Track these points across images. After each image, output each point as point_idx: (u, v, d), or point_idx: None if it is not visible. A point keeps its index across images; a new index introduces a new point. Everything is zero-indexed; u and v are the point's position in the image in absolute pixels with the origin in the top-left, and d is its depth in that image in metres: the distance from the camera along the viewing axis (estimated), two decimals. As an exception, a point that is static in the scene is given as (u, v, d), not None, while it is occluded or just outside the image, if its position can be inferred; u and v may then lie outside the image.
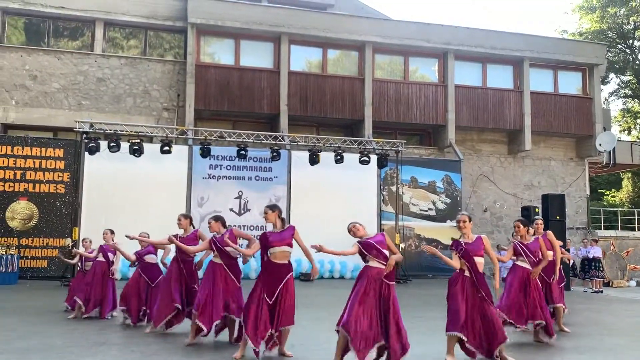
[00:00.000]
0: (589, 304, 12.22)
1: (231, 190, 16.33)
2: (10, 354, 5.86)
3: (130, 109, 17.77)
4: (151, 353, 6.02)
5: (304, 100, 18.60)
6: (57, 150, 15.67)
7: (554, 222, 15.86)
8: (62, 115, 17.12)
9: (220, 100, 17.99)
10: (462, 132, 20.21)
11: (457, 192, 18.64)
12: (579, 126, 21.06)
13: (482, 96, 20.27)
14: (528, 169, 21.09)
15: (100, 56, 17.81)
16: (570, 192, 20.96)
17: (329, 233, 15.70)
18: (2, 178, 15.23)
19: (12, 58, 17.14)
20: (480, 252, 5.86)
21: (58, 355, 5.85)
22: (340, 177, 16.48)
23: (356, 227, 5.63)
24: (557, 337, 7.01)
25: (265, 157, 16.40)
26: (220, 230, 6.62)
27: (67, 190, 15.50)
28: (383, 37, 19.25)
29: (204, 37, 18.58)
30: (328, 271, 16.17)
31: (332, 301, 11.21)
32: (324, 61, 19.28)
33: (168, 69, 18.29)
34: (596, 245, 16.20)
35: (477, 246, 5.86)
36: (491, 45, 20.14)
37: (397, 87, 19.57)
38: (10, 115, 16.97)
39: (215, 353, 6.13)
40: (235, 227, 6.77)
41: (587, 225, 21.40)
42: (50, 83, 17.32)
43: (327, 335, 6.40)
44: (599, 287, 15.52)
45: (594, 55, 21.51)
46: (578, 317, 10.12)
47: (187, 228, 7.43)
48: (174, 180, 15.73)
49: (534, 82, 20.69)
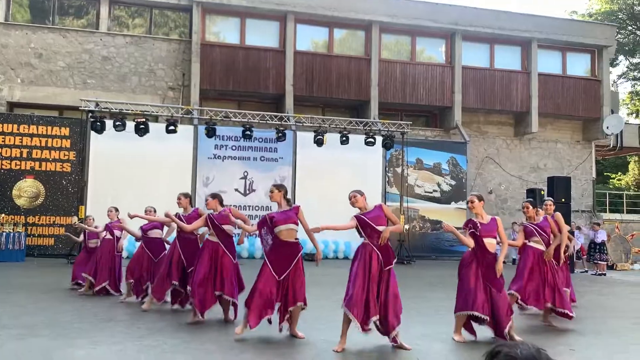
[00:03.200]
0: (592, 286, 12.26)
1: (236, 170, 16.34)
2: (18, 328, 5.94)
3: (136, 88, 17.72)
4: (157, 330, 6.09)
5: (309, 80, 18.49)
6: (62, 128, 15.69)
7: (559, 204, 15.78)
8: (67, 93, 17.10)
9: (226, 80, 17.91)
10: (469, 114, 20.09)
11: (463, 174, 18.60)
12: (586, 109, 20.88)
13: (489, 77, 20.10)
14: (534, 151, 20.98)
15: (106, 34, 17.72)
16: (576, 175, 20.87)
17: (334, 214, 15.73)
18: (9, 156, 15.29)
19: (17, 36, 17.08)
20: (493, 234, 5.87)
21: (65, 331, 5.93)
22: (345, 158, 16.46)
23: (356, 198, 5.58)
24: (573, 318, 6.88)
25: (271, 138, 16.37)
26: (217, 208, 6.66)
27: (73, 168, 15.55)
28: (390, 17, 19.04)
29: (209, 16, 18.43)
30: (332, 251, 16.25)
31: (337, 281, 11.28)
32: (330, 41, 19.12)
33: (173, 47, 18.19)
34: (601, 229, 16.18)
35: (490, 227, 5.87)
36: (499, 26, 19.91)
37: (404, 67, 19.41)
38: (16, 93, 16.97)
39: (219, 330, 6.20)
40: (233, 207, 6.76)
41: (593, 208, 21.35)
42: (56, 61, 17.26)
43: (331, 314, 6.45)
44: (603, 270, 15.54)
45: (604, 36, 21.23)
46: (581, 299, 10.15)
47: (187, 207, 7.48)
48: (179, 160, 15.76)
49: (542, 63, 20.48)
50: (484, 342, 5.81)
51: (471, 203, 5.96)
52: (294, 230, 5.77)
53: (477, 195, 6.02)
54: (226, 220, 6.48)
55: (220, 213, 6.56)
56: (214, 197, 6.76)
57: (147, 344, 5.46)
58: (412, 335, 5.78)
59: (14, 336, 5.62)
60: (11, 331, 5.84)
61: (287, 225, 5.71)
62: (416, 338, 5.81)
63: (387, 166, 17.66)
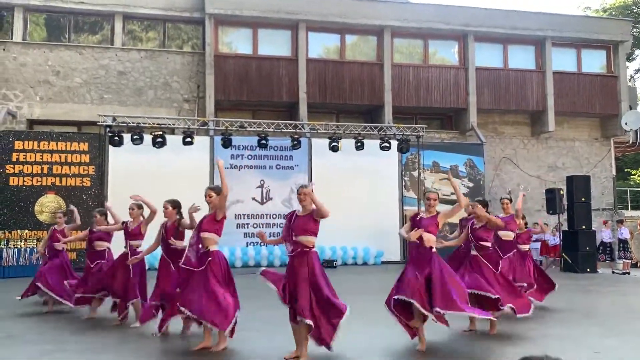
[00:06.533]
0: (615, 286, 12.08)
1: (253, 179, 16.44)
2: (44, 344, 6.05)
3: (152, 101, 17.95)
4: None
5: (322, 87, 18.55)
6: (81, 144, 15.92)
7: (579, 204, 15.67)
8: (85, 109, 17.38)
9: (240, 90, 18.05)
10: (484, 115, 19.97)
11: (480, 176, 18.49)
12: (603, 105, 20.64)
13: (503, 78, 19.98)
14: (552, 151, 20.79)
15: (121, 50, 17.99)
16: (596, 173, 20.61)
17: (351, 220, 15.89)
18: (30, 173, 15.56)
19: (35, 54, 17.42)
20: (430, 228, 5.79)
21: (92, 346, 6.02)
22: (361, 163, 16.47)
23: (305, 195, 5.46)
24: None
25: (286, 146, 16.44)
26: (173, 218, 6.63)
27: (92, 183, 15.77)
28: (401, 21, 19.05)
29: (222, 27, 18.62)
30: (351, 257, 16.24)
31: (356, 288, 11.28)
32: (342, 47, 19.18)
33: (187, 60, 18.40)
34: (623, 227, 15.97)
35: (430, 222, 5.84)
36: (512, 26, 19.80)
37: (417, 71, 19.39)
38: (35, 111, 17.29)
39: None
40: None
41: (614, 206, 21.05)
42: (73, 78, 17.56)
43: (345, 324, 6.45)
44: (627, 269, 15.31)
45: (619, 32, 20.99)
46: (604, 299, 10.03)
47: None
48: (196, 171, 15.86)
49: (556, 61, 20.30)
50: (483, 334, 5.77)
51: (434, 200, 5.94)
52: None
53: (436, 193, 6.04)
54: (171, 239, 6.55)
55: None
56: (174, 207, 6.70)
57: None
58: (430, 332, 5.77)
59: (39, 352, 5.72)
60: (36, 347, 5.95)
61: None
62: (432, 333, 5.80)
63: (403, 170, 17.62)
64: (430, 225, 5.78)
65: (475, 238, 6.79)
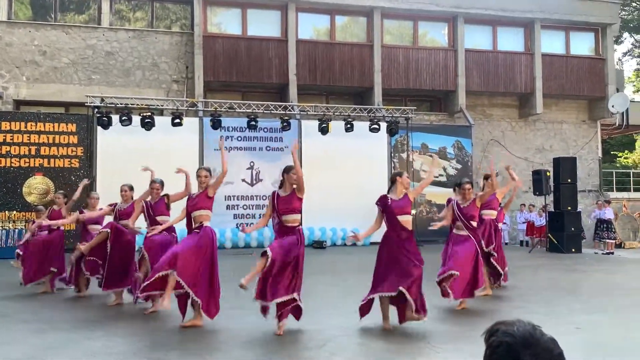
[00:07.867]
0: (600, 265, 12.32)
1: (243, 161, 16.45)
2: (38, 323, 6.10)
3: (140, 82, 17.81)
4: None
5: (312, 69, 18.50)
6: (69, 125, 15.81)
7: (565, 185, 15.89)
8: (72, 90, 17.21)
9: (229, 71, 17.95)
10: (473, 97, 20.05)
11: (468, 158, 18.62)
12: (591, 88, 20.79)
13: (492, 60, 20.03)
14: (539, 133, 20.95)
15: (108, 29, 17.77)
16: (582, 155, 20.84)
17: (340, 201, 15.99)
18: (18, 154, 15.44)
19: (21, 34, 17.17)
20: (406, 210, 5.77)
21: (83, 323, 6.09)
22: (350, 145, 16.53)
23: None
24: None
25: (276, 127, 16.44)
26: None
27: (81, 164, 15.70)
28: (391, 2, 18.97)
29: (210, 7, 18.43)
30: (341, 238, 16.37)
31: (346, 268, 11.43)
32: (332, 28, 19.10)
33: (175, 40, 18.23)
34: (609, 207, 16.20)
35: (404, 203, 5.78)
36: (501, 8, 19.80)
37: (407, 52, 19.37)
38: (22, 91, 17.09)
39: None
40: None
41: (600, 188, 21.34)
42: (60, 58, 17.36)
43: (341, 301, 6.57)
44: (611, 249, 15.59)
45: (607, 14, 21.07)
46: (589, 278, 10.26)
47: (128, 199, 7.65)
48: (186, 153, 15.83)
49: (545, 44, 20.37)
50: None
51: (407, 182, 5.89)
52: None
53: (402, 174, 5.96)
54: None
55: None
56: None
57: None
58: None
59: (33, 330, 5.78)
60: (30, 326, 6.00)
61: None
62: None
63: (393, 152, 17.70)
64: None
65: (464, 217, 6.89)
